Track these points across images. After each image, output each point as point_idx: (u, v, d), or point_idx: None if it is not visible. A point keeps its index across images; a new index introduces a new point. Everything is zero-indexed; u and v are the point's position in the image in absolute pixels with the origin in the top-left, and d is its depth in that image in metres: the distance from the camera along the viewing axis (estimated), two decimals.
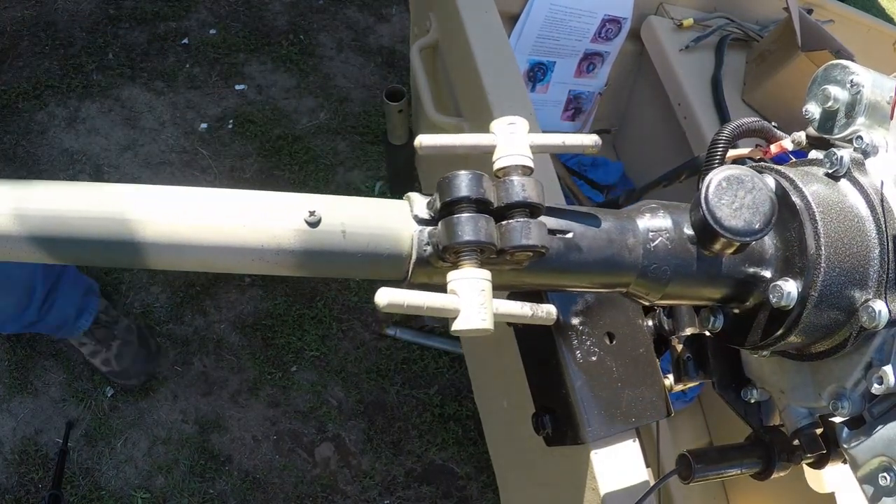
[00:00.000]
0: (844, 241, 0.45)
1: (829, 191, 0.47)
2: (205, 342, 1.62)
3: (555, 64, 1.46)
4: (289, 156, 1.88)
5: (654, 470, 0.76)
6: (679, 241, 0.44)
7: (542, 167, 0.78)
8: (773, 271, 0.46)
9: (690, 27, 1.41)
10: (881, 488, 0.46)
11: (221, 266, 0.38)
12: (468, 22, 0.88)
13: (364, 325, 1.70)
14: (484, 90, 0.82)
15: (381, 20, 2.20)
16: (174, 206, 0.37)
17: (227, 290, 1.69)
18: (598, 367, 0.58)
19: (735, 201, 0.42)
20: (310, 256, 0.38)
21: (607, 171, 1.62)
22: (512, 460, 1.08)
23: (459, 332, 0.37)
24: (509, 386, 0.95)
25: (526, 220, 0.38)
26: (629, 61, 1.55)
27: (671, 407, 0.61)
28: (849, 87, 0.51)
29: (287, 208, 0.38)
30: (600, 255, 0.42)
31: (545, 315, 0.41)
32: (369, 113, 2.00)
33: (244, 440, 1.54)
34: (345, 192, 1.87)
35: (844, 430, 0.49)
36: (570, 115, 1.59)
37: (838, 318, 0.46)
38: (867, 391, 0.47)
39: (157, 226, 0.36)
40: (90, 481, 1.45)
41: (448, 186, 0.38)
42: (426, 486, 1.54)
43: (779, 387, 0.54)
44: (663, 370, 0.61)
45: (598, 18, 1.38)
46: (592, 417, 0.57)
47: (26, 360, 1.52)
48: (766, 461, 0.55)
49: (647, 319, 0.63)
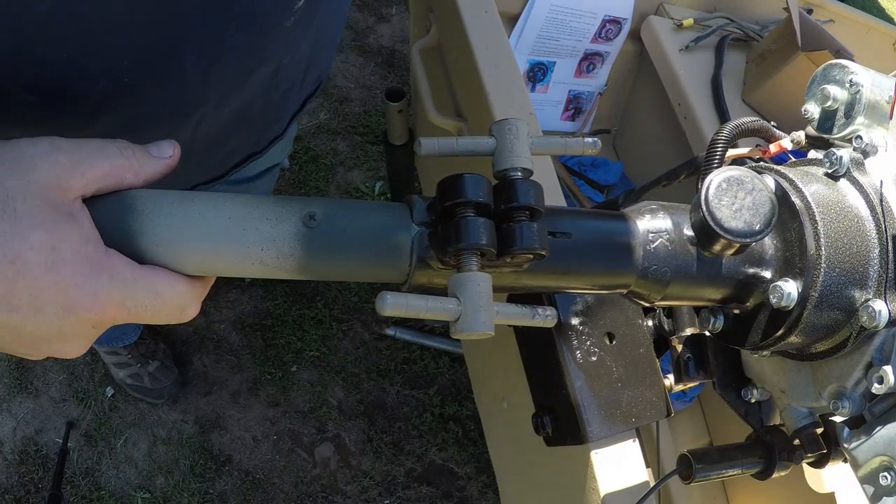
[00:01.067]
0: (844, 241, 0.45)
1: (829, 191, 0.47)
2: (205, 342, 1.62)
3: (555, 64, 1.46)
4: (289, 156, 1.88)
5: (654, 470, 0.76)
6: (679, 243, 0.44)
7: (542, 168, 0.78)
8: (773, 272, 0.46)
9: (690, 27, 1.41)
10: (882, 488, 0.46)
11: (221, 270, 0.38)
12: (468, 22, 0.88)
13: (364, 325, 1.70)
14: (484, 90, 0.82)
15: (381, 20, 2.20)
16: (173, 209, 0.37)
17: (227, 290, 1.69)
18: (598, 367, 0.58)
19: (735, 202, 0.42)
20: (310, 260, 0.38)
21: (607, 171, 1.62)
22: (512, 460, 1.08)
23: (461, 336, 0.37)
24: (509, 386, 0.95)
25: (526, 222, 0.38)
26: (629, 61, 1.55)
27: (671, 407, 0.61)
28: (848, 87, 0.51)
29: (286, 212, 0.38)
30: (600, 257, 0.42)
31: (546, 318, 0.41)
32: (369, 113, 2.00)
33: (244, 440, 1.54)
34: (345, 192, 1.87)
35: (845, 430, 0.49)
36: (570, 115, 1.59)
37: (838, 318, 0.46)
38: (867, 391, 0.47)
39: (157, 230, 0.36)
40: (90, 481, 1.45)
41: (448, 189, 0.38)
42: (426, 486, 1.55)
43: (779, 386, 0.54)
44: (663, 370, 0.61)
45: (598, 19, 1.38)
46: (592, 417, 0.57)
47: (26, 359, 1.52)
48: (766, 461, 0.55)
49: (647, 319, 0.63)
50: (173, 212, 0.37)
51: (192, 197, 0.37)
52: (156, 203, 0.37)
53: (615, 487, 0.62)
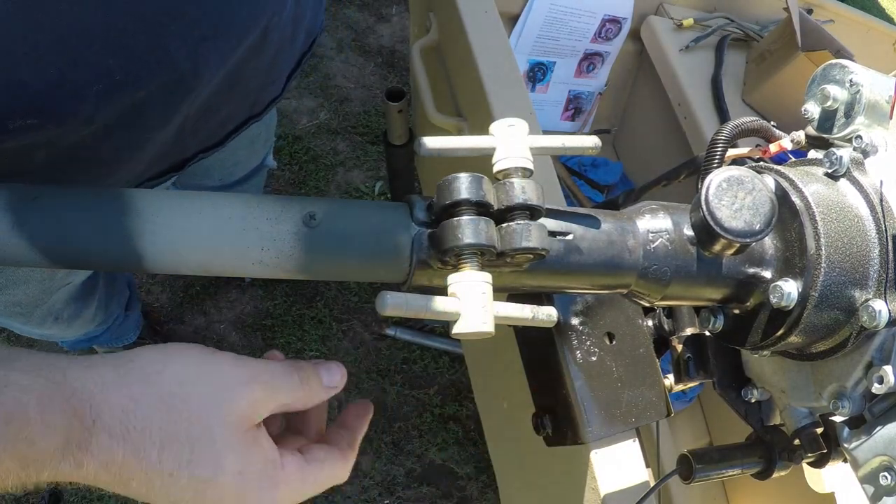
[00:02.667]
0: (844, 240, 0.45)
1: (829, 191, 0.47)
2: (205, 342, 1.62)
3: (555, 64, 1.46)
4: (289, 156, 1.88)
5: (654, 470, 0.76)
6: (679, 242, 0.44)
7: (542, 168, 0.78)
8: (773, 272, 0.46)
9: (690, 27, 1.41)
10: (882, 488, 0.46)
11: (221, 270, 0.38)
12: (468, 22, 0.88)
13: (364, 325, 1.70)
14: (484, 90, 0.82)
15: (381, 20, 2.20)
16: (173, 209, 0.37)
17: (227, 290, 1.69)
18: (598, 367, 0.58)
19: (735, 202, 0.42)
20: (310, 260, 0.38)
21: (607, 171, 1.62)
22: (512, 460, 1.08)
23: (460, 335, 0.37)
24: (509, 386, 0.95)
25: (526, 222, 0.38)
26: (629, 61, 1.55)
27: (671, 407, 0.61)
28: (848, 87, 0.51)
29: (286, 211, 0.38)
30: (600, 257, 0.42)
31: (545, 317, 0.41)
32: (369, 113, 2.00)
33: None
34: (345, 192, 1.87)
35: (845, 430, 0.49)
36: (570, 115, 1.59)
37: (838, 318, 0.46)
38: (868, 391, 0.47)
39: (156, 230, 0.36)
40: None
41: (448, 189, 0.38)
42: (426, 486, 1.55)
43: (779, 386, 0.54)
44: (663, 370, 0.61)
45: (598, 18, 1.38)
46: (592, 417, 0.57)
47: None
48: (766, 461, 0.55)
49: (647, 319, 0.63)
50: (173, 212, 0.37)
51: (191, 197, 0.37)
52: (156, 203, 0.37)
53: (615, 487, 0.62)
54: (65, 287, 0.94)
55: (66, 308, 1.02)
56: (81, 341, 1.32)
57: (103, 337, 1.34)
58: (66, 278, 0.90)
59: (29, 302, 0.89)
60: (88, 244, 0.36)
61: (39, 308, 0.93)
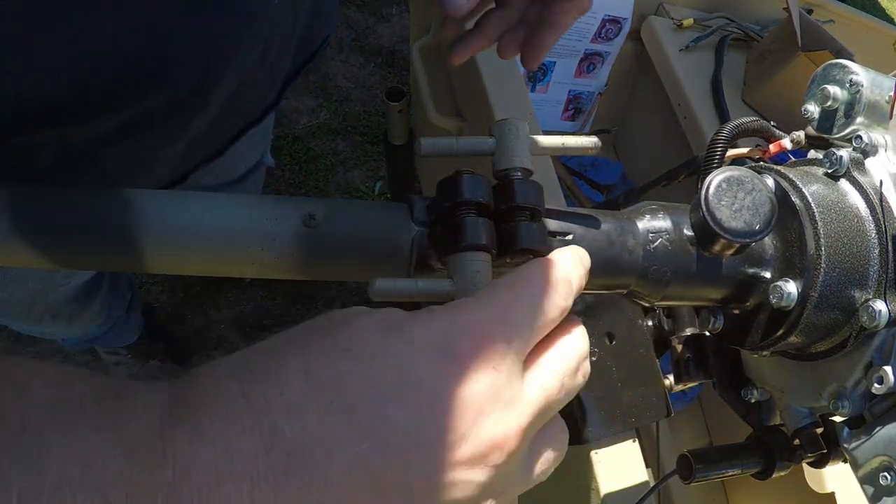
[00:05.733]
0: (844, 241, 0.45)
1: (829, 191, 0.47)
2: (205, 342, 1.62)
3: (555, 64, 1.46)
4: (289, 156, 1.88)
5: (654, 470, 0.76)
6: (679, 243, 0.44)
7: (543, 168, 0.78)
8: (773, 272, 0.46)
9: (690, 27, 1.41)
10: (882, 488, 0.46)
11: (221, 270, 0.38)
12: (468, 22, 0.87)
13: None
14: (484, 90, 0.82)
15: (381, 20, 2.20)
16: (173, 209, 0.37)
17: (227, 290, 1.69)
18: (597, 367, 0.58)
19: (735, 202, 0.42)
20: (309, 259, 0.38)
21: (607, 171, 1.62)
22: None
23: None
24: None
25: (526, 222, 0.38)
26: (629, 61, 1.55)
27: (671, 407, 0.61)
28: (848, 87, 0.51)
29: (286, 212, 0.38)
30: (600, 257, 0.42)
31: None
32: (369, 113, 2.00)
33: None
34: (345, 192, 1.87)
35: (845, 430, 0.49)
36: (570, 115, 1.59)
37: (838, 319, 0.46)
38: (867, 391, 0.47)
39: (156, 229, 0.36)
40: None
41: (448, 189, 0.38)
42: None
43: (779, 387, 0.54)
44: (663, 370, 0.61)
45: (598, 18, 1.38)
46: (592, 417, 0.57)
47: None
48: (766, 461, 0.55)
49: (647, 319, 0.63)
50: (172, 211, 0.37)
51: (191, 196, 0.37)
52: (156, 203, 0.37)
53: (615, 487, 0.62)
54: (63, 286, 0.94)
55: (66, 307, 1.03)
56: (82, 341, 1.33)
57: (104, 337, 1.35)
58: (66, 278, 0.90)
59: (27, 300, 0.89)
60: (88, 244, 0.36)
61: (37, 306, 0.93)
